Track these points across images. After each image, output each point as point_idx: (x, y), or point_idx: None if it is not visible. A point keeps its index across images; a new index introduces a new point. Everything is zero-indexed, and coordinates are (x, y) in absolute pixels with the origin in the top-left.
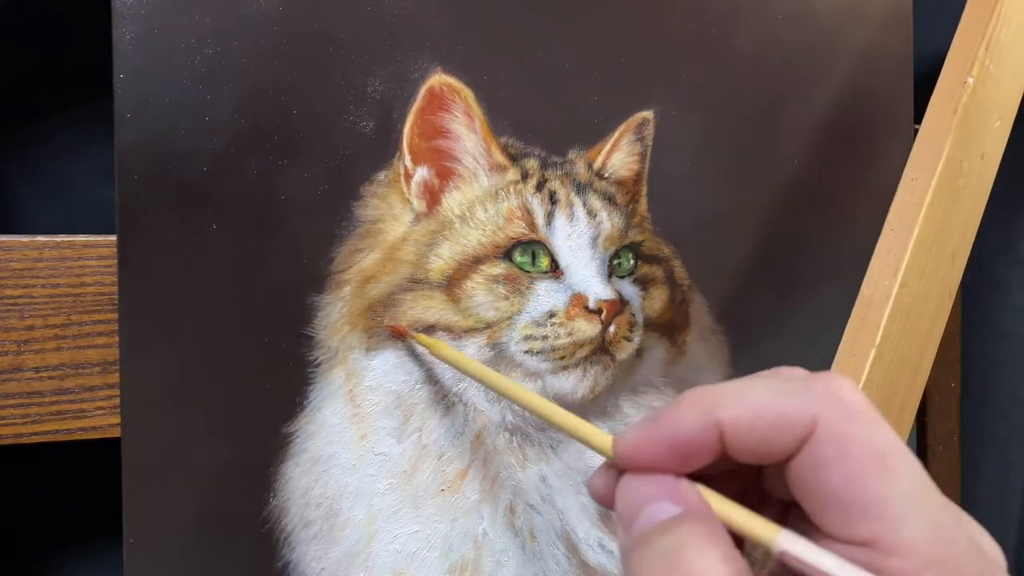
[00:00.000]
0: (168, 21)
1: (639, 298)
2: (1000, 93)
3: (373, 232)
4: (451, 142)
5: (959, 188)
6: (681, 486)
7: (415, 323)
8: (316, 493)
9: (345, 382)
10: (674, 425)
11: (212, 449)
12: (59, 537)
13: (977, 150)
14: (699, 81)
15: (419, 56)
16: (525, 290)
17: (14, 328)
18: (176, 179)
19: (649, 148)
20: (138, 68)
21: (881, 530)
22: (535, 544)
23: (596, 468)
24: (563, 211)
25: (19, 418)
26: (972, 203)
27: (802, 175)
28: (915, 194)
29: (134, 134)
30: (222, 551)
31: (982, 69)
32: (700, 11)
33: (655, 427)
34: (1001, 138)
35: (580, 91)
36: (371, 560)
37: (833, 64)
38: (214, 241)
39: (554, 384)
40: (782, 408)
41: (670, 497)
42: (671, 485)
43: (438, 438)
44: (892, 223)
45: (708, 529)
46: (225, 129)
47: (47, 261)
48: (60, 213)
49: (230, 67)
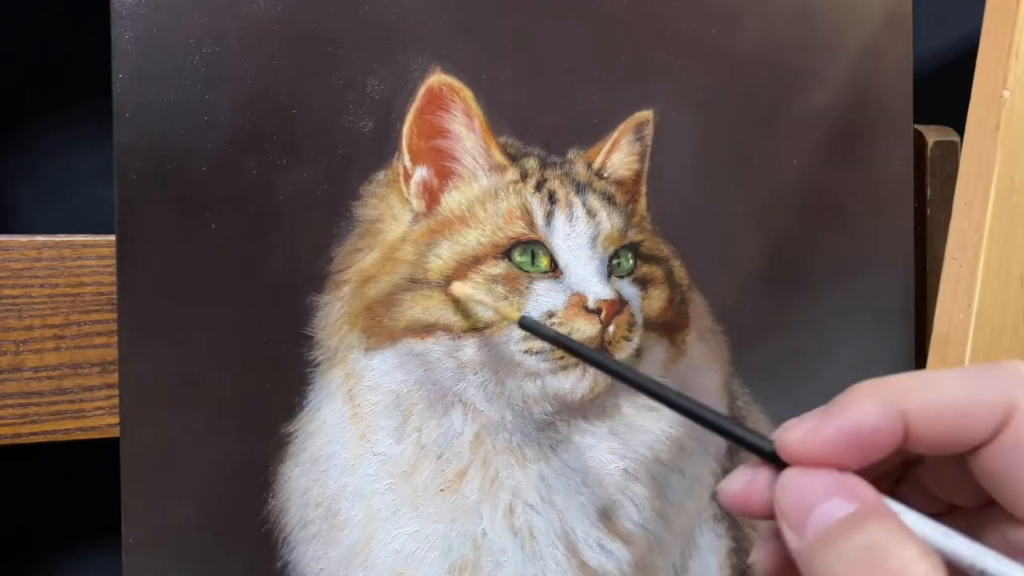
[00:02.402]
0: (167, 21)
1: (639, 298)
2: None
3: (372, 232)
4: (450, 142)
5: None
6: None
7: (414, 323)
8: (315, 493)
9: (344, 382)
10: (854, 416)
11: (211, 449)
12: (59, 537)
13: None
14: (699, 81)
15: (419, 56)
16: (524, 290)
17: (13, 328)
18: (175, 179)
19: (649, 148)
20: (137, 68)
21: None
22: (534, 544)
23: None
24: (562, 211)
25: (18, 418)
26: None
27: (802, 175)
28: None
29: (133, 134)
30: (221, 551)
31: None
32: (700, 11)
33: (831, 419)
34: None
35: (580, 91)
36: (370, 560)
37: (833, 64)
38: (213, 241)
39: (553, 384)
40: (974, 394)
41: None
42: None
43: (437, 438)
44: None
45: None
46: (224, 129)
47: (46, 261)
48: (59, 213)
49: (229, 67)
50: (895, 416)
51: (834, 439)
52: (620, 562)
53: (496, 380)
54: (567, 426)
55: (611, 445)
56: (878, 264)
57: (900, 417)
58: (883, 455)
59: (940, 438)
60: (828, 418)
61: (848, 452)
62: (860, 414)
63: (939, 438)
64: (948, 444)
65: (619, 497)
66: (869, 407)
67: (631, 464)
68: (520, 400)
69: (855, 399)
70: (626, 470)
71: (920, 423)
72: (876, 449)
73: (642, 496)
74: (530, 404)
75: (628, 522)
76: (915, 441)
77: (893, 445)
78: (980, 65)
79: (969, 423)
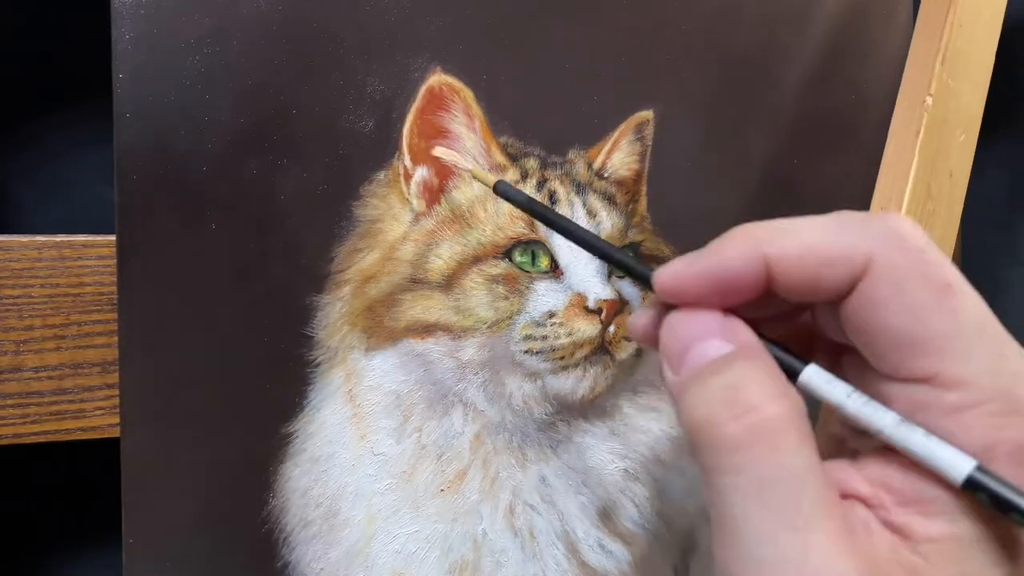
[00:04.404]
0: (167, 21)
1: (639, 298)
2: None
3: (373, 232)
4: (451, 142)
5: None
6: (730, 323)
7: (415, 323)
8: (316, 493)
9: (345, 382)
10: (718, 258)
11: (212, 449)
12: (59, 537)
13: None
14: (699, 81)
15: (419, 56)
16: (525, 290)
17: (13, 328)
18: (176, 179)
19: (649, 148)
20: (137, 68)
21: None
22: (535, 544)
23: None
24: (563, 211)
25: (18, 418)
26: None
27: (802, 174)
28: None
29: (133, 134)
30: (222, 551)
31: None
32: (700, 11)
33: (698, 260)
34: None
35: (580, 91)
36: (370, 560)
37: (833, 64)
38: (214, 241)
39: (554, 384)
40: (834, 244)
41: (720, 334)
42: (720, 322)
43: (438, 438)
44: None
45: (764, 364)
46: (225, 129)
47: (46, 261)
48: (59, 213)
49: (230, 67)
50: (758, 260)
51: (700, 280)
52: (620, 562)
53: (496, 380)
54: (567, 426)
55: (611, 445)
56: None
57: (762, 262)
58: (747, 297)
59: (800, 285)
60: (698, 259)
61: (713, 291)
62: (723, 257)
63: (799, 285)
64: (808, 292)
65: (619, 497)
66: (733, 250)
67: (631, 464)
68: (520, 400)
69: (724, 243)
70: (626, 470)
71: (781, 269)
72: (740, 291)
73: (642, 496)
74: (530, 404)
75: (628, 522)
76: (779, 287)
77: (756, 288)
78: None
79: (828, 273)
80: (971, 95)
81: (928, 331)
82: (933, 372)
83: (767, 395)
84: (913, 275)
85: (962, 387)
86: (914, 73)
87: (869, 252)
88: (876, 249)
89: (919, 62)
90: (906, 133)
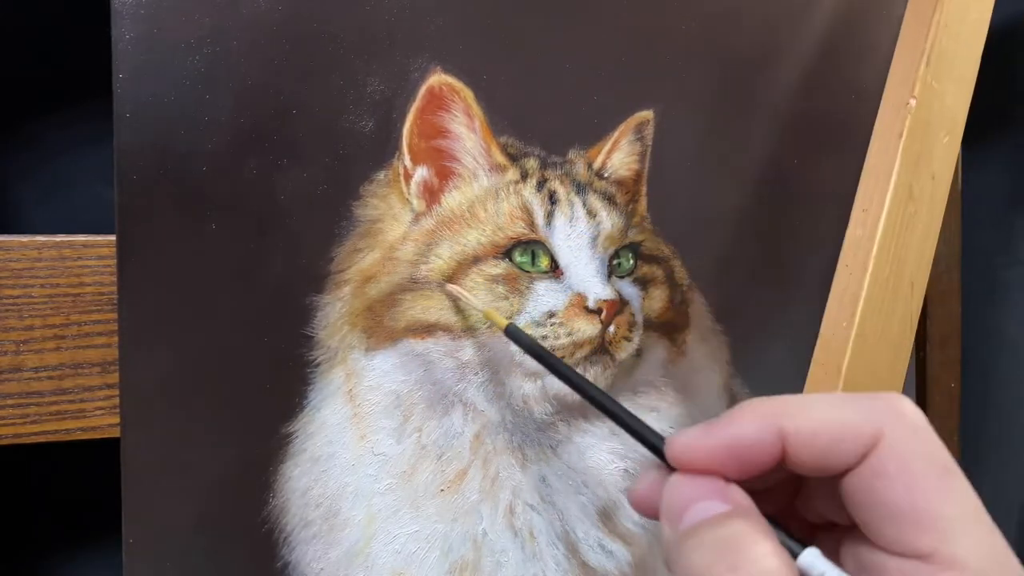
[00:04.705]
0: (167, 21)
1: (639, 298)
2: (946, 108)
3: (373, 232)
4: (451, 142)
5: (912, 214)
6: (729, 488)
7: (415, 323)
8: (316, 493)
9: (345, 382)
10: (735, 430)
11: (212, 449)
12: (59, 537)
13: (927, 172)
14: (699, 81)
15: (419, 56)
16: (525, 290)
17: (13, 328)
18: (176, 179)
19: (649, 148)
20: (137, 68)
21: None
22: (535, 544)
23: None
24: (563, 211)
25: (18, 418)
26: (926, 227)
27: (802, 174)
28: (867, 227)
29: (134, 134)
30: (222, 551)
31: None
32: (700, 11)
33: (714, 431)
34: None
35: (580, 91)
36: (370, 560)
37: (833, 65)
38: (214, 241)
39: (554, 384)
40: (847, 421)
41: (719, 497)
42: (720, 487)
43: (438, 438)
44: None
45: (759, 524)
46: (225, 129)
47: (46, 261)
48: (59, 213)
49: (230, 67)
50: (774, 434)
51: (715, 449)
52: (620, 562)
53: (496, 380)
54: (567, 426)
55: (611, 445)
56: None
57: (778, 435)
58: (762, 470)
59: (814, 459)
60: (712, 430)
61: (728, 462)
62: (741, 429)
63: (813, 459)
64: (821, 466)
65: (619, 497)
66: (750, 423)
67: (631, 464)
68: (520, 400)
69: (739, 414)
70: (626, 470)
71: (796, 443)
72: (755, 463)
73: None
74: (530, 404)
75: (628, 522)
76: (792, 460)
77: (771, 461)
78: (892, 72)
79: (839, 447)
80: (956, 97)
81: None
82: (931, 550)
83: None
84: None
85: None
86: (898, 74)
87: (879, 429)
88: (885, 427)
89: (904, 63)
90: (889, 135)
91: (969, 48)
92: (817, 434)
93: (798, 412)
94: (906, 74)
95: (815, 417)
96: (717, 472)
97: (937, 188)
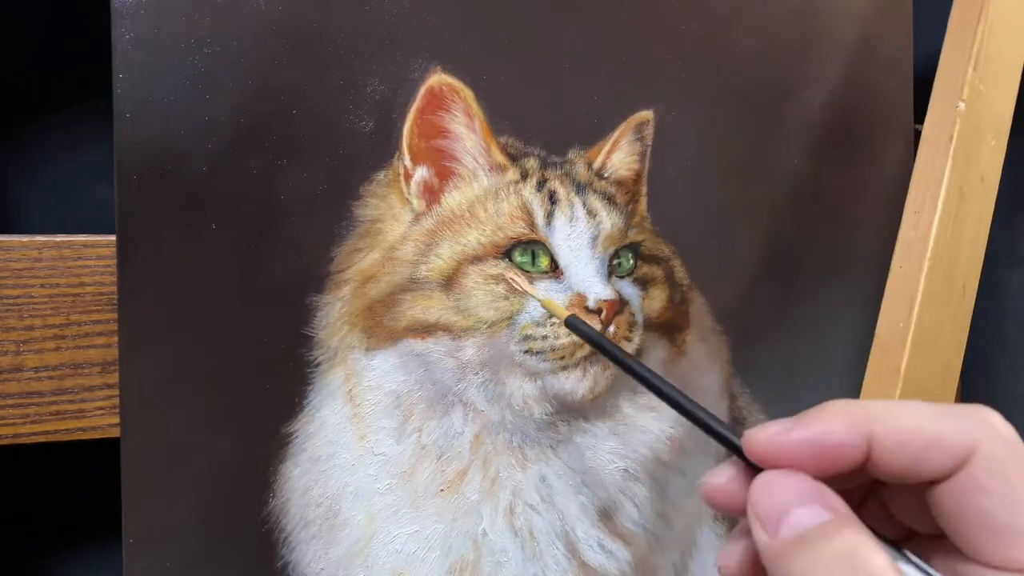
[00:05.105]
0: (168, 21)
1: (639, 298)
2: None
3: (373, 232)
4: (451, 142)
5: (963, 215)
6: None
7: (415, 323)
8: (316, 493)
9: (345, 382)
10: (823, 429)
11: (212, 449)
12: (59, 537)
13: (976, 173)
14: (699, 81)
15: (419, 56)
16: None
17: (13, 328)
18: (176, 179)
19: (649, 148)
20: (138, 68)
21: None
22: (535, 544)
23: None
24: (563, 211)
25: (18, 418)
26: (977, 227)
27: (802, 174)
28: (920, 229)
29: (134, 134)
30: (222, 551)
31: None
32: (700, 11)
33: (800, 427)
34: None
35: (580, 91)
36: (370, 560)
37: (833, 64)
38: (214, 241)
39: (554, 384)
40: (940, 429)
41: (819, 502)
42: (819, 491)
43: (438, 438)
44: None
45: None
46: (225, 129)
47: (46, 261)
48: (59, 213)
49: (230, 67)
50: (862, 436)
51: (800, 446)
52: (620, 562)
53: (496, 380)
54: (567, 426)
55: (611, 445)
56: (878, 264)
57: (866, 438)
58: (843, 471)
59: (901, 467)
60: (798, 425)
61: (811, 461)
62: (829, 427)
63: (900, 466)
64: (908, 474)
65: (619, 497)
66: (839, 422)
67: (631, 464)
68: (520, 400)
69: (826, 413)
70: (626, 470)
71: (884, 448)
72: (838, 464)
73: (642, 496)
74: (530, 404)
75: (628, 522)
76: (877, 465)
77: (855, 463)
78: (940, 75)
79: (930, 457)
80: (1001, 100)
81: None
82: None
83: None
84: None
85: None
86: (946, 78)
87: (974, 441)
88: (980, 439)
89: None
90: (940, 137)
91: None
92: (908, 441)
93: (888, 417)
94: (954, 78)
95: (906, 424)
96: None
97: (987, 189)
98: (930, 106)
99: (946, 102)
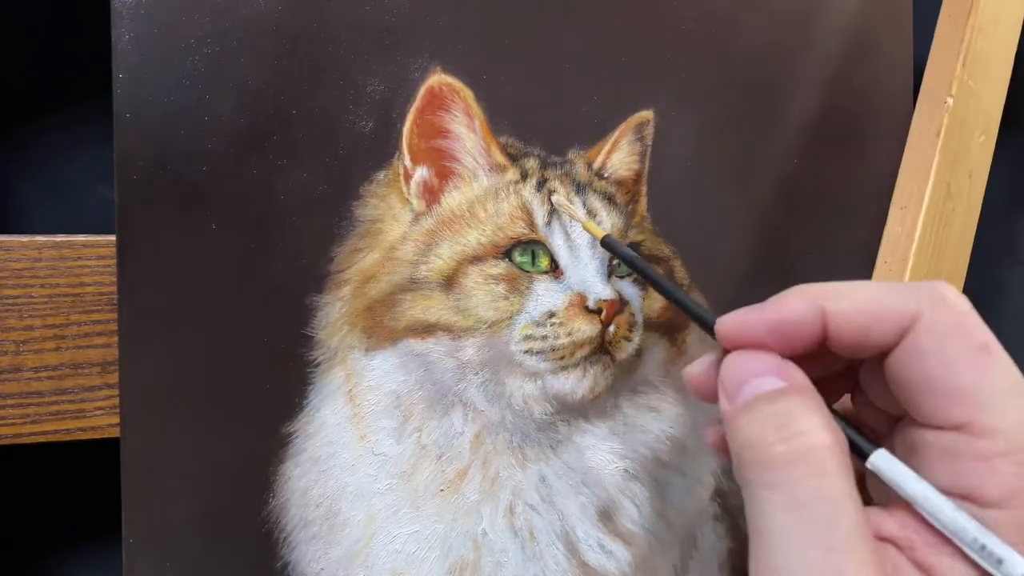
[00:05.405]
0: (167, 21)
1: (639, 298)
2: (981, 107)
3: (373, 232)
4: (451, 142)
5: (949, 211)
6: (785, 365)
7: (415, 323)
8: (315, 493)
9: (345, 382)
10: (780, 309)
11: (212, 449)
12: (59, 537)
13: (964, 169)
14: (699, 81)
15: (419, 56)
16: (525, 290)
17: (13, 328)
18: (176, 179)
19: (649, 148)
20: (137, 68)
21: (975, 415)
22: (535, 544)
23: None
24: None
25: (18, 418)
26: (963, 224)
27: (802, 175)
28: (906, 224)
29: (133, 134)
30: (222, 551)
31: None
32: (700, 11)
33: (763, 310)
34: (987, 153)
35: (580, 91)
36: (370, 560)
37: (833, 64)
38: (214, 241)
39: (553, 384)
40: (887, 302)
41: (776, 373)
42: (776, 363)
43: (438, 438)
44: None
45: (813, 400)
46: (225, 129)
47: (46, 261)
48: (59, 213)
49: (230, 67)
50: (816, 312)
51: (760, 328)
52: (620, 562)
53: (496, 380)
54: (567, 426)
55: (611, 445)
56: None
57: (820, 314)
58: (804, 346)
59: (853, 339)
60: (761, 309)
61: (774, 340)
62: (784, 307)
63: (852, 339)
64: (859, 346)
65: (619, 497)
66: (794, 302)
67: (631, 464)
68: (520, 400)
69: (788, 295)
70: (626, 470)
71: (836, 322)
72: (798, 340)
73: (642, 496)
74: (530, 404)
75: (628, 522)
76: (832, 340)
77: (813, 339)
78: (929, 71)
79: (878, 327)
80: (991, 96)
81: (964, 383)
82: (967, 420)
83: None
84: (955, 333)
85: (992, 436)
86: (935, 74)
87: (917, 310)
88: (923, 308)
89: (940, 63)
90: (927, 133)
91: (1003, 50)
92: (857, 314)
93: (841, 294)
94: (943, 74)
95: (857, 299)
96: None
97: (974, 186)
98: (918, 101)
99: (934, 98)
